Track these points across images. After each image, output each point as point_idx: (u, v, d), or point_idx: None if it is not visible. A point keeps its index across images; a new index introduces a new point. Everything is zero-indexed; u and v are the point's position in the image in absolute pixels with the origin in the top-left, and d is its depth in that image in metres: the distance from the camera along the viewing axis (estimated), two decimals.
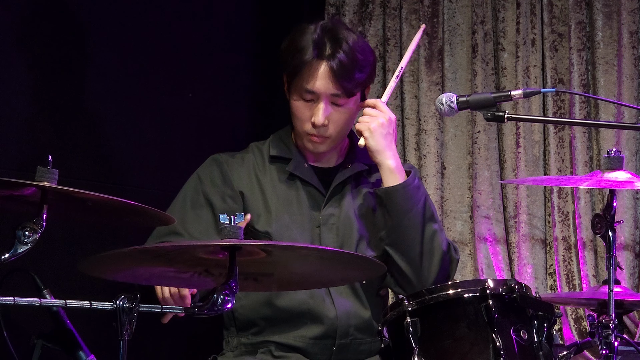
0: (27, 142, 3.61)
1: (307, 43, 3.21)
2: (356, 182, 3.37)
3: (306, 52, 3.21)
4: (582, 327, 4.60)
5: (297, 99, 3.25)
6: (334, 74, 3.19)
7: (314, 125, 3.24)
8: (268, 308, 3.26)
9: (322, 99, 3.22)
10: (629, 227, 4.58)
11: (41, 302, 2.34)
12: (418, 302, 2.76)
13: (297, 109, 3.26)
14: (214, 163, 3.35)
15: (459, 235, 4.81)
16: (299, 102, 3.25)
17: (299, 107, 3.26)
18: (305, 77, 3.21)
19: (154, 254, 2.39)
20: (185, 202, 3.31)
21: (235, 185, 3.31)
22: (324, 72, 3.20)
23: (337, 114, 3.25)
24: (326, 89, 3.21)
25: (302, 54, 3.21)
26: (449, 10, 4.87)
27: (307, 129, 3.26)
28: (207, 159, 3.38)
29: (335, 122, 3.25)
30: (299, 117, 3.27)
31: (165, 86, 4.16)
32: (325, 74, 3.20)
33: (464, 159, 4.86)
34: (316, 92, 3.22)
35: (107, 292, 2.38)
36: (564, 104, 4.74)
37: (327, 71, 3.20)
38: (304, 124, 3.26)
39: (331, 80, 3.20)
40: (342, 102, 3.24)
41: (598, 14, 4.67)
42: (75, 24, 3.82)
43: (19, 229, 2.35)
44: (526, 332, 2.72)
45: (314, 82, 3.20)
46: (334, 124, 3.25)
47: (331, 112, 3.23)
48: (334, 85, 3.20)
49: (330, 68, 3.19)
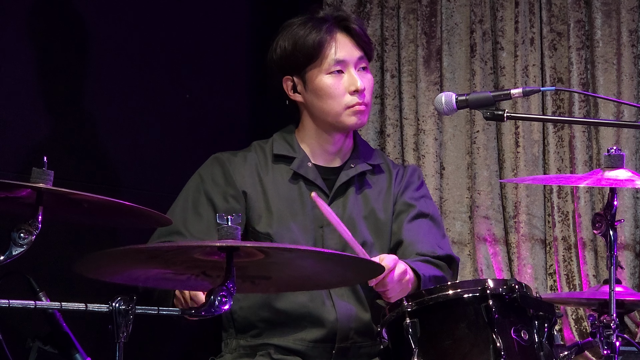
0: (23, 143, 3.59)
1: (312, 26, 3.27)
2: (360, 182, 3.37)
3: (320, 30, 3.27)
4: (583, 327, 4.59)
5: (323, 79, 3.28)
6: (354, 38, 3.30)
7: (355, 92, 3.26)
8: (267, 310, 3.24)
9: (351, 66, 3.29)
10: (629, 227, 4.57)
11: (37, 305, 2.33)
12: (417, 303, 2.74)
13: (329, 86, 3.28)
14: (216, 162, 3.33)
15: (458, 236, 4.79)
16: (328, 81, 3.28)
17: (331, 84, 3.28)
18: (329, 51, 3.26)
19: (150, 254, 2.38)
20: (186, 201, 3.29)
21: (238, 184, 3.29)
22: (345, 40, 3.29)
23: (366, 80, 3.31)
24: (352, 54, 3.29)
25: (316, 34, 3.27)
26: (447, 9, 4.85)
27: (348, 101, 3.28)
28: (209, 158, 3.37)
29: (368, 88, 3.31)
30: (334, 94, 3.28)
31: (162, 86, 4.14)
32: (347, 41, 3.29)
33: (462, 159, 4.85)
34: (345, 60, 3.27)
35: (103, 294, 2.37)
36: (563, 103, 4.73)
37: (347, 38, 3.30)
38: (341, 99, 3.28)
39: (354, 45, 3.30)
40: (365, 65, 3.32)
41: (597, 13, 4.65)
42: (72, 25, 3.81)
43: (14, 230, 2.35)
44: (527, 333, 2.70)
45: (339, 52, 3.27)
46: (367, 89, 3.30)
47: (361, 77, 3.29)
48: (358, 49, 3.30)
49: (349, 34, 3.30)
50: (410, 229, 3.33)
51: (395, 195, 3.38)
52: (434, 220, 3.40)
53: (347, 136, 3.37)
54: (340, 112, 3.28)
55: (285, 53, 3.29)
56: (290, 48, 3.28)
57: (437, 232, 3.38)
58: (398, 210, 3.37)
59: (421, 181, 3.46)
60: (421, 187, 3.44)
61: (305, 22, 3.29)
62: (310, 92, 3.29)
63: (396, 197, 3.38)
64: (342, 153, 3.38)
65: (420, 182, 3.45)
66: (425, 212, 3.38)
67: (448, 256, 3.32)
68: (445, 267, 3.28)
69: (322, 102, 3.29)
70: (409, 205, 3.37)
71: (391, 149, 4.86)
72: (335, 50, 3.26)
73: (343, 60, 3.26)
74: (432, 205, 3.45)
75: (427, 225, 3.37)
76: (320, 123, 3.33)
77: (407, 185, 3.40)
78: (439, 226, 3.41)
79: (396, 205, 3.37)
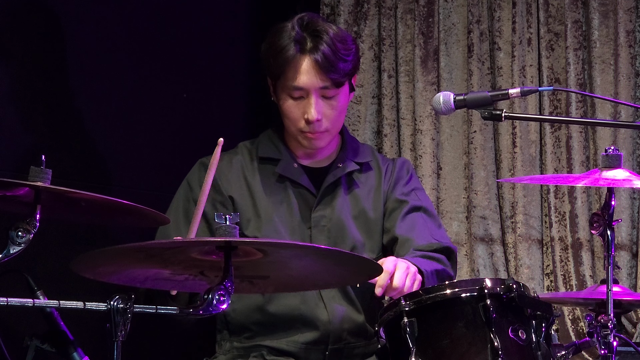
0: (20, 142, 3.59)
1: (287, 41, 3.20)
2: (349, 181, 3.35)
3: (288, 50, 3.19)
4: (580, 327, 4.59)
5: (286, 99, 3.24)
6: (319, 67, 3.18)
7: (307, 122, 3.22)
8: (260, 313, 3.24)
9: (312, 94, 3.21)
10: (626, 227, 4.58)
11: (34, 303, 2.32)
12: (415, 302, 2.74)
13: (288, 108, 3.24)
14: (202, 167, 3.31)
15: (455, 236, 4.79)
16: (289, 102, 3.24)
17: (289, 106, 3.24)
18: (291, 75, 3.20)
19: (148, 252, 2.37)
20: (177, 210, 3.29)
21: (224, 190, 3.29)
22: (309, 67, 3.19)
23: (329, 107, 3.23)
24: (314, 83, 3.20)
25: (284, 53, 3.20)
26: (444, 9, 4.85)
27: (301, 126, 3.24)
28: (196, 164, 3.35)
29: (328, 115, 3.24)
30: (291, 117, 3.25)
31: (159, 86, 4.14)
32: (311, 68, 3.19)
33: (460, 159, 4.85)
34: (304, 88, 3.20)
35: (101, 293, 2.36)
36: (560, 103, 4.73)
37: (311, 65, 3.19)
38: (297, 123, 3.24)
39: (317, 73, 3.19)
40: (331, 94, 3.23)
41: (594, 13, 4.66)
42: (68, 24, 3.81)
43: (12, 229, 2.34)
44: (524, 332, 2.70)
45: (300, 78, 3.19)
46: (327, 117, 3.23)
47: (323, 105, 3.22)
48: (321, 78, 3.19)
49: (314, 61, 3.18)
50: (404, 224, 3.31)
51: (385, 192, 3.36)
52: (427, 212, 3.38)
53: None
54: (296, 133, 3.27)
55: (264, 58, 3.28)
56: (266, 56, 3.27)
57: (432, 224, 3.36)
58: (390, 208, 3.35)
59: (410, 174, 3.43)
60: (410, 180, 3.41)
61: (284, 34, 3.20)
62: (278, 103, 3.29)
63: (386, 195, 3.36)
64: (329, 152, 3.37)
65: (409, 175, 3.42)
66: (418, 206, 3.36)
67: (446, 247, 3.30)
68: (444, 259, 3.26)
69: (283, 117, 3.29)
70: (400, 202, 3.35)
71: (388, 149, 4.86)
72: (297, 77, 3.19)
73: (302, 88, 3.20)
74: (424, 197, 3.43)
75: (421, 218, 3.35)
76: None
77: (397, 181, 3.38)
78: (433, 217, 3.39)
79: (387, 203, 3.36)
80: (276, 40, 3.22)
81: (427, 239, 3.29)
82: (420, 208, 3.36)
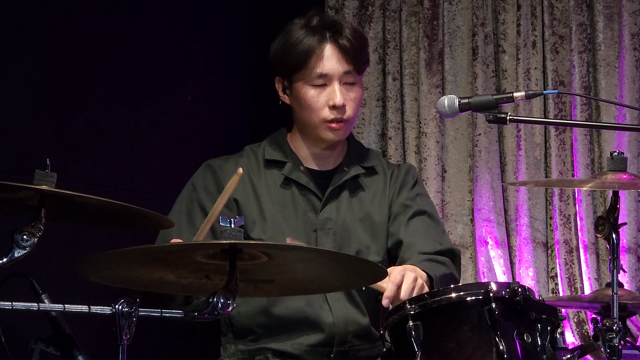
0: (25, 145, 3.59)
1: (305, 33, 3.24)
2: (354, 185, 3.35)
3: (308, 40, 3.23)
4: (584, 330, 4.58)
5: (308, 90, 3.24)
6: (343, 52, 3.22)
7: (333, 108, 3.23)
8: (265, 316, 3.23)
9: (335, 80, 3.23)
10: (631, 230, 4.57)
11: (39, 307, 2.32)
12: (420, 306, 2.73)
13: (311, 99, 3.24)
14: (208, 170, 3.31)
15: (460, 239, 4.79)
16: (311, 92, 3.24)
17: (312, 96, 3.24)
18: (314, 63, 3.22)
19: (154, 255, 2.37)
20: (180, 212, 3.29)
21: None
22: (331, 53, 3.23)
23: (351, 94, 3.26)
24: (338, 68, 3.23)
25: (304, 43, 3.22)
26: (449, 12, 4.85)
27: (325, 115, 3.24)
28: (201, 166, 3.35)
29: (351, 102, 3.26)
30: (314, 107, 3.25)
31: (164, 89, 4.14)
32: (334, 54, 3.23)
33: (464, 162, 4.85)
34: (328, 74, 3.22)
35: (106, 296, 2.36)
36: (565, 106, 4.73)
37: (335, 51, 3.23)
38: (320, 112, 3.25)
39: (341, 59, 3.23)
40: (353, 80, 3.26)
41: (599, 16, 4.65)
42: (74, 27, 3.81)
43: (17, 232, 2.34)
44: (530, 336, 2.69)
45: (324, 65, 3.22)
46: (350, 104, 3.25)
47: (345, 93, 3.24)
48: (345, 63, 3.23)
49: (338, 47, 3.22)
50: (409, 228, 3.32)
51: (390, 197, 3.37)
52: (431, 217, 3.38)
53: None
54: (317, 124, 3.26)
55: (277, 55, 3.29)
56: (281, 52, 3.27)
57: (437, 228, 3.37)
58: (395, 212, 3.35)
59: (415, 179, 3.43)
60: (415, 185, 3.42)
61: (300, 28, 3.26)
62: (295, 98, 3.29)
63: (392, 199, 3.37)
64: (335, 156, 3.37)
65: (414, 180, 3.43)
66: (422, 210, 3.36)
67: (450, 250, 3.31)
68: (449, 262, 3.27)
69: (303, 111, 3.28)
70: (405, 207, 3.35)
71: (393, 152, 4.86)
72: (320, 63, 3.22)
73: (327, 74, 3.22)
74: (428, 202, 3.43)
75: (426, 223, 3.35)
76: (303, 129, 3.33)
77: (402, 186, 3.39)
78: (437, 222, 3.40)
79: (392, 207, 3.36)
80: (291, 35, 3.25)
81: (432, 243, 3.29)
82: (424, 212, 3.36)
